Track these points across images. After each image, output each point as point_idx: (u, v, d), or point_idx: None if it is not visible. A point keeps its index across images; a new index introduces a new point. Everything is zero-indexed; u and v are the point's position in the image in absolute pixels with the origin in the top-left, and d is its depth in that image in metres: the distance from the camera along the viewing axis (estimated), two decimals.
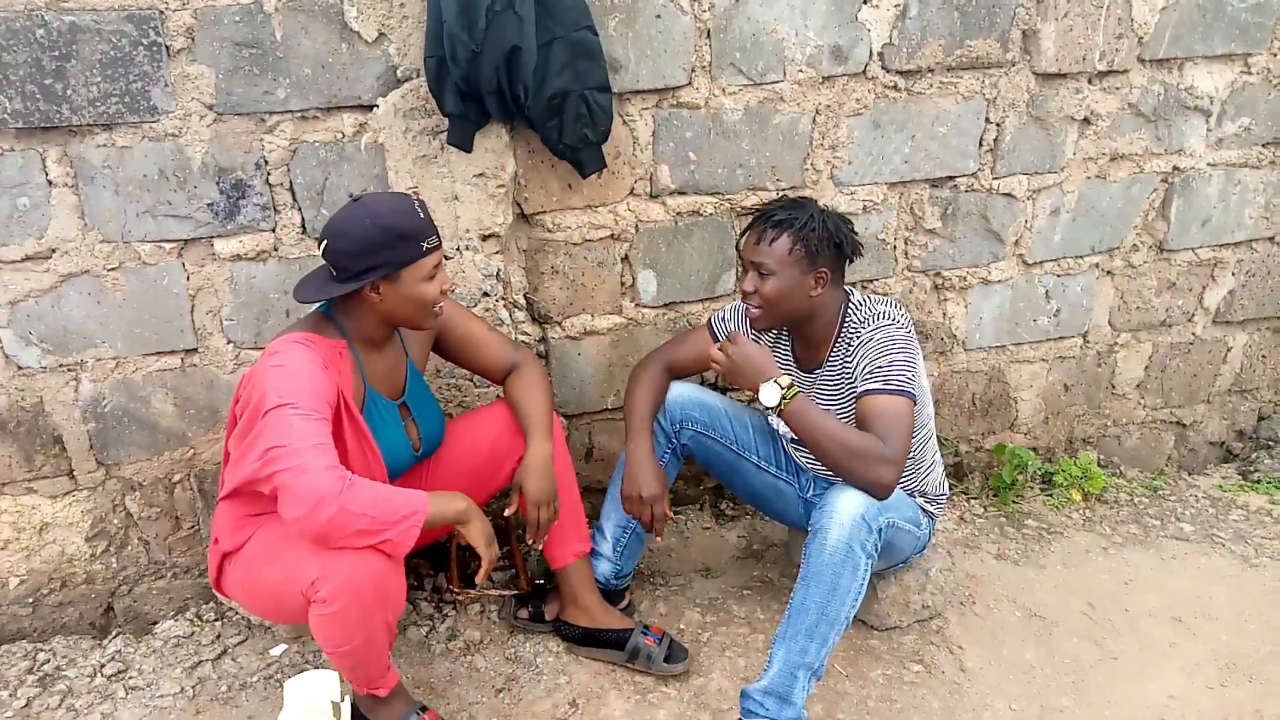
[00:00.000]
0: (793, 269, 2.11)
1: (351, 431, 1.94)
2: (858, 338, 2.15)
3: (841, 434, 2.01)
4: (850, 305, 2.22)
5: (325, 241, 1.88)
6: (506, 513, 2.16)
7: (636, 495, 2.26)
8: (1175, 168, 2.97)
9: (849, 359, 2.17)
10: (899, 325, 2.14)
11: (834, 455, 2.00)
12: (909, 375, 2.08)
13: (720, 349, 2.13)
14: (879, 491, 2.00)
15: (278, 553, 1.89)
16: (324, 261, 1.91)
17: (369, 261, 1.85)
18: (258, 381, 1.84)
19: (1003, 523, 3.02)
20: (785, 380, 2.05)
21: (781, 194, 2.27)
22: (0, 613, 2.44)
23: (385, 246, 1.84)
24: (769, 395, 2.04)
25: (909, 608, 2.49)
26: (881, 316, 2.15)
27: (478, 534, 1.95)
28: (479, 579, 2.02)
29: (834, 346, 2.22)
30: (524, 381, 2.24)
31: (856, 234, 2.21)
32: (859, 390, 2.10)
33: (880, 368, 2.08)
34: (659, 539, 2.37)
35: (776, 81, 2.53)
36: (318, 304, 2.03)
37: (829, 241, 2.12)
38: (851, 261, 2.22)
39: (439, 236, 1.93)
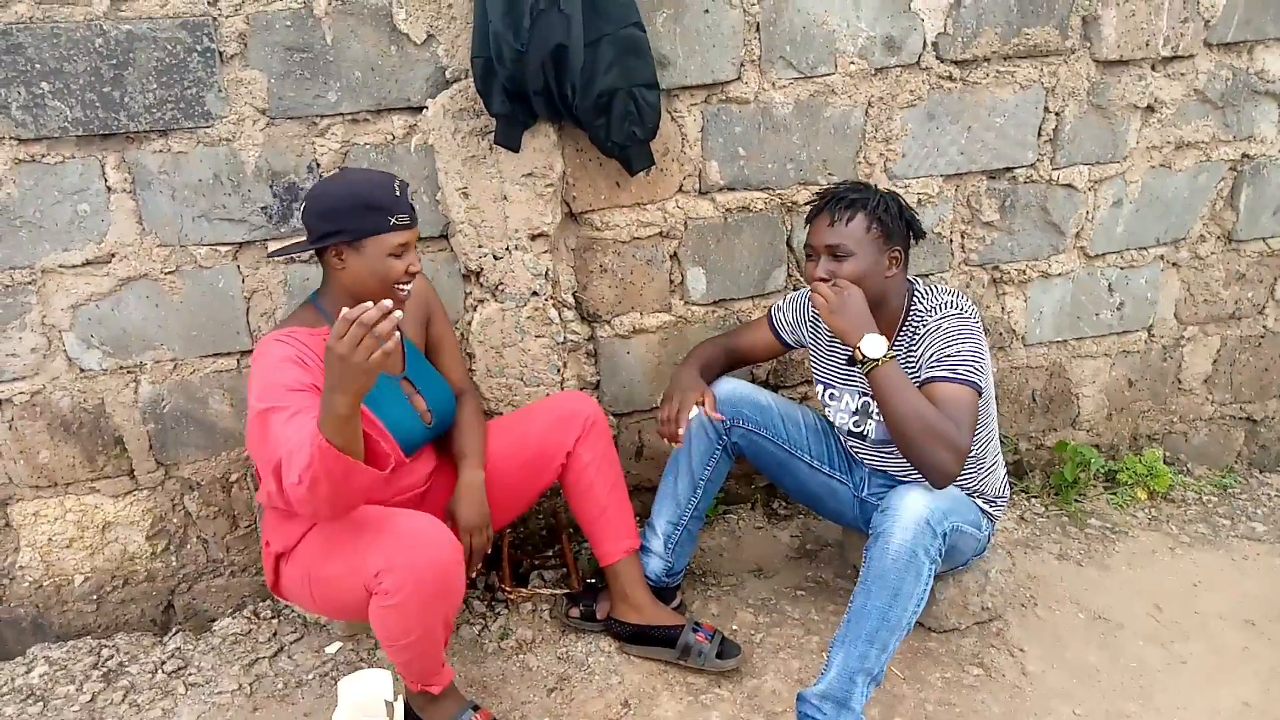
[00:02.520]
0: (871, 248, 2.07)
1: None
2: (924, 326, 2.11)
3: (925, 408, 1.94)
4: (916, 294, 2.19)
5: (304, 205, 1.94)
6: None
7: (675, 391, 2.28)
8: (1245, 155, 2.87)
9: (914, 347, 2.13)
10: (968, 316, 2.10)
11: (911, 428, 1.93)
12: (977, 367, 2.03)
13: (828, 287, 2.05)
14: (940, 478, 1.95)
15: (337, 547, 1.90)
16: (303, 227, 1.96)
17: (334, 224, 1.88)
18: (249, 387, 1.89)
19: (1065, 522, 2.94)
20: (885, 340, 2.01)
21: (834, 185, 2.25)
22: (66, 609, 2.50)
23: (352, 213, 1.88)
24: (874, 346, 1.98)
25: (968, 609, 2.43)
26: (949, 306, 2.11)
27: None
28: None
29: (897, 335, 2.18)
30: (466, 413, 2.27)
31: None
32: (923, 377, 2.05)
33: (947, 356, 2.03)
34: (676, 443, 2.30)
35: (828, 74, 2.49)
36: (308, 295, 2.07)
37: (901, 219, 2.11)
38: (916, 243, 2.18)
39: (413, 220, 1.94)
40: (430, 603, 1.84)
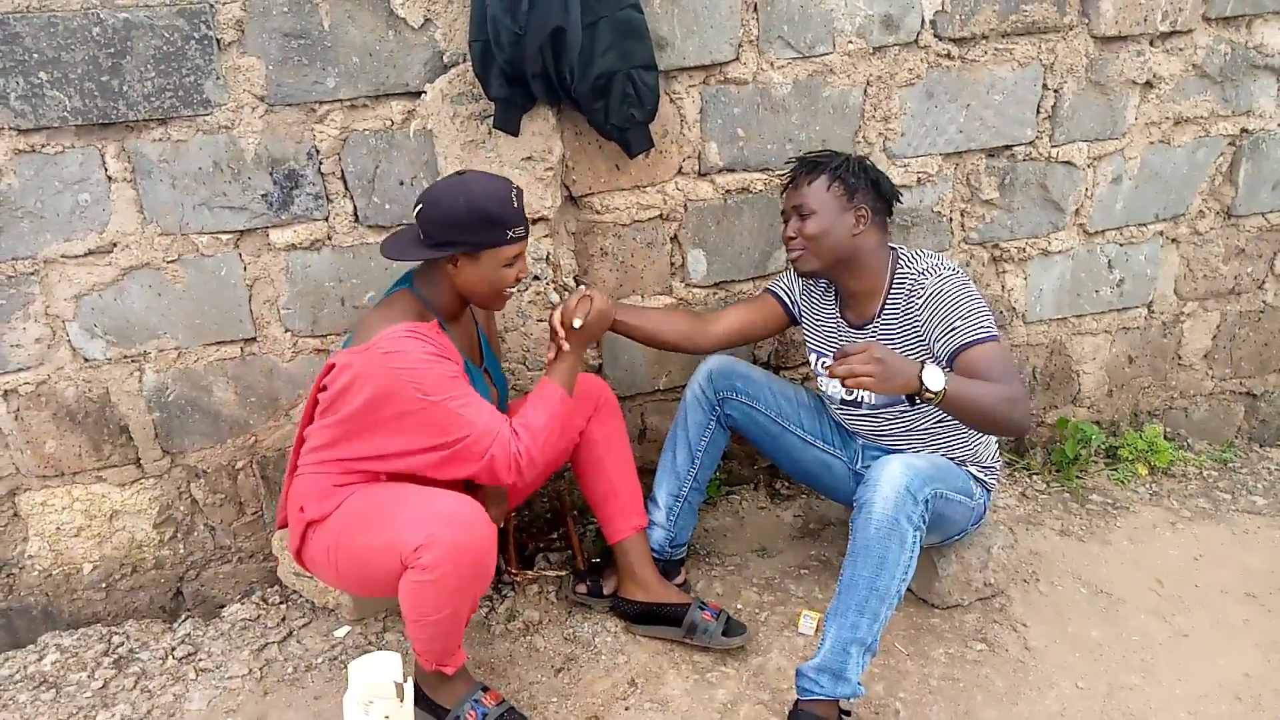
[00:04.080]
0: (832, 205, 2.15)
1: None
2: (920, 287, 2.13)
3: (991, 391, 1.92)
4: (900, 258, 2.23)
5: (420, 206, 1.94)
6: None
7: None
8: (1244, 130, 2.87)
9: (911, 309, 2.15)
10: (958, 274, 2.14)
11: (992, 417, 1.91)
12: (989, 319, 2.07)
13: (860, 361, 1.84)
14: (1022, 432, 2.05)
15: (376, 519, 1.92)
16: (415, 224, 1.98)
17: (454, 235, 1.92)
18: (383, 381, 1.88)
19: (1066, 498, 2.96)
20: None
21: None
22: (76, 597, 2.51)
23: (471, 226, 1.91)
24: (935, 379, 1.85)
25: (971, 586, 2.45)
26: (940, 267, 2.15)
27: None
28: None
29: (887, 298, 2.21)
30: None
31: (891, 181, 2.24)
32: (953, 347, 2.05)
33: (962, 318, 2.05)
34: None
35: (826, 54, 2.48)
36: (399, 282, 2.10)
37: (865, 178, 2.17)
38: (892, 205, 2.24)
39: (527, 229, 2.00)
40: (465, 582, 1.88)
